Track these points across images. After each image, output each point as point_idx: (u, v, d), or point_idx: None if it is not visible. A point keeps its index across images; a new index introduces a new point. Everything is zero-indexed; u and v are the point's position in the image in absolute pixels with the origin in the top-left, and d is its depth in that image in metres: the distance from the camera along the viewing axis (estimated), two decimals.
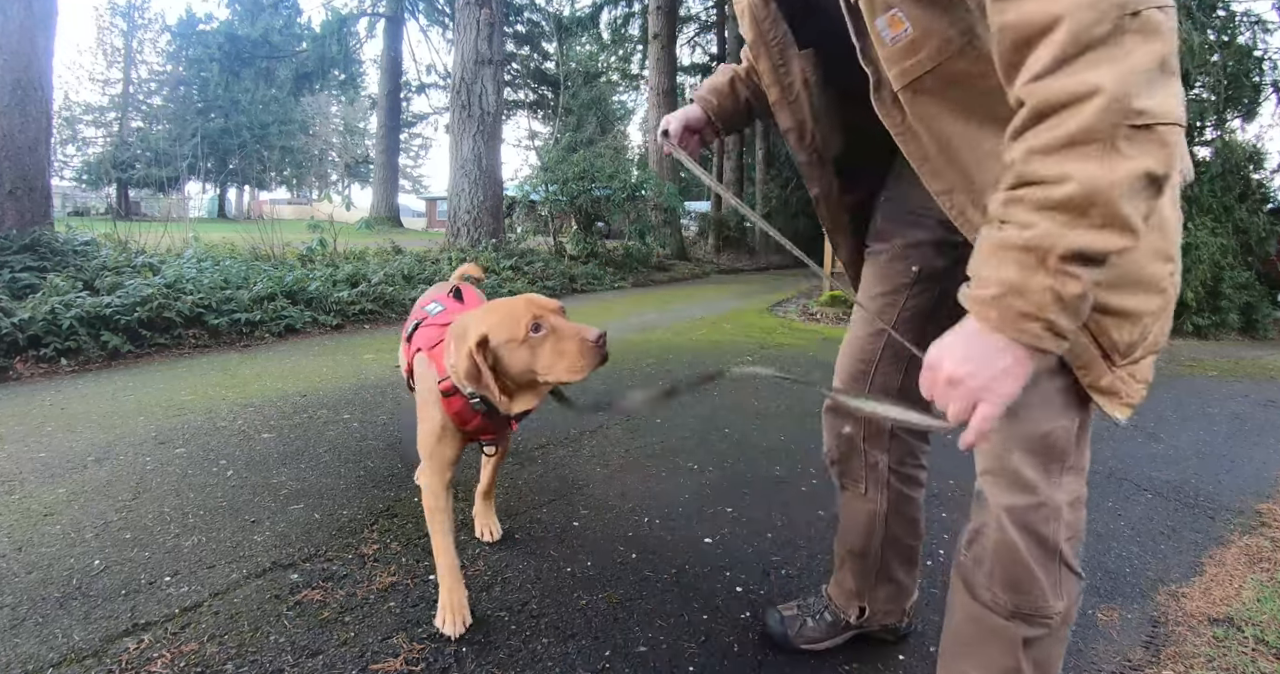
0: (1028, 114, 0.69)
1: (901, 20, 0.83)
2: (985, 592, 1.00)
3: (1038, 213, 0.69)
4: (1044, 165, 0.67)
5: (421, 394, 1.53)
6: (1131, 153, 0.64)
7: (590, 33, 20.55)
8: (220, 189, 39.00)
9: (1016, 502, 0.97)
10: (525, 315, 1.30)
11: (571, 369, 1.28)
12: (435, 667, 1.38)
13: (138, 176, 31.68)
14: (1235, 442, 3.15)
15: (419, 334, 1.59)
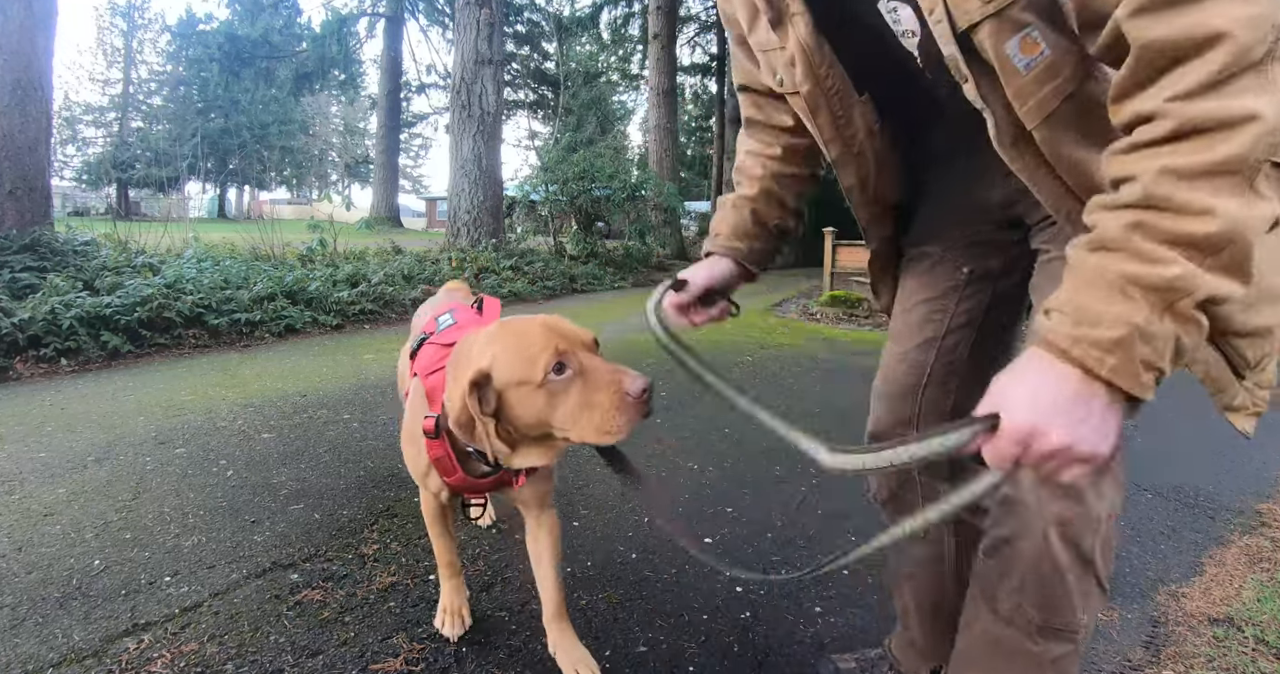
0: (1167, 131, 0.60)
1: (1038, 42, 0.72)
2: (1008, 604, 0.94)
3: (1173, 248, 0.60)
4: (1182, 191, 0.59)
5: (406, 426, 1.31)
6: (1268, 193, 0.59)
7: (590, 33, 20.56)
8: (220, 189, 39.02)
9: (1067, 511, 0.90)
10: (545, 350, 1.00)
11: (603, 429, 0.98)
12: (435, 667, 1.38)
13: (138, 176, 31.71)
14: (1235, 442, 3.15)
15: (421, 353, 1.33)
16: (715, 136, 21.42)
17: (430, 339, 1.35)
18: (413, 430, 1.26)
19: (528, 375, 1.00)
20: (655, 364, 4.36)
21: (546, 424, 1.02)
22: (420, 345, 1.35)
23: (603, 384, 0.98)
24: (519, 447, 1.09)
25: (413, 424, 1.27)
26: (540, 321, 1.06)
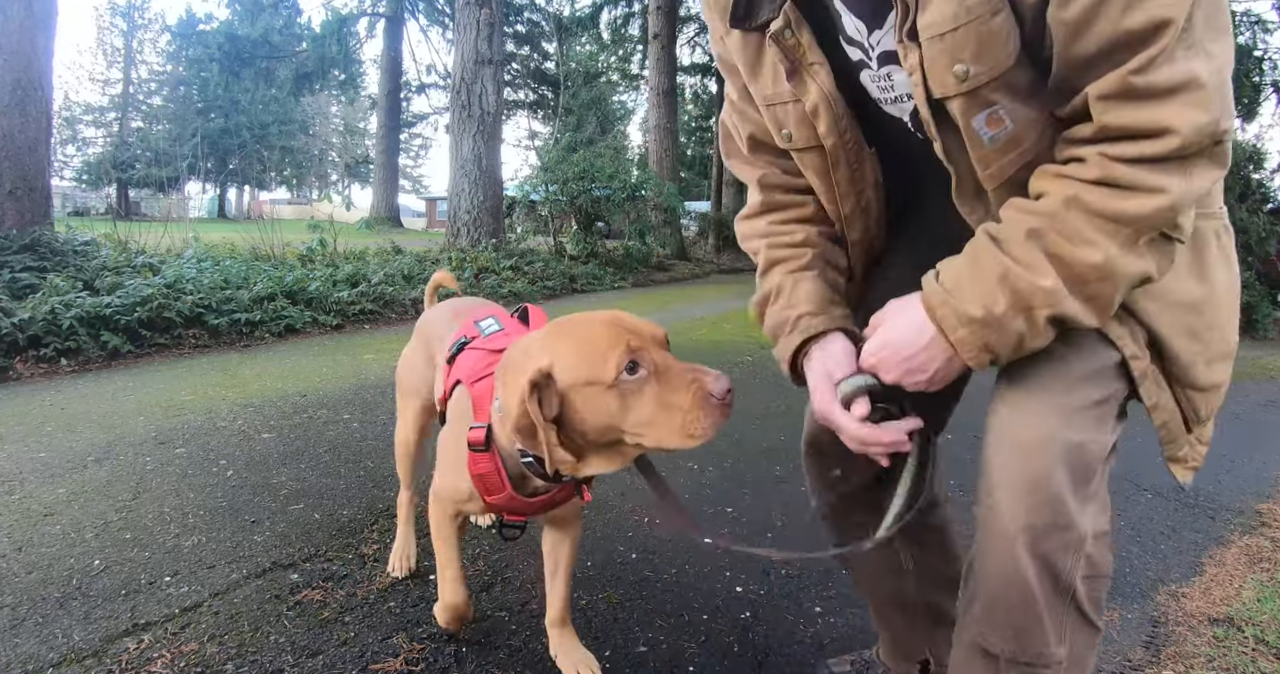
0: (1092, 177, 0.71)
1: (1003, 118, 0.78)
2: (974, 631, 0.88)
3: (1054, 264, 0.73)
4: (1081, 222, 0.72)
5: (447, 439, 1.20)
6: (1146, 254, 0.73)
7: (590, 33, 20.56)
8: (220, 189, 39.04)
9: (1038, 520, 0.81)
10: (616, 346, 0.90)
11: (685, 432, 0.89)
12: (435, 667, 1.38)
13: (138, 176, 31.71)
14: (1235, 442, 3.15)
15: (464, 359, 1.22)
16: (715, 136, 21.44)
17: (474, 343, 1.24)
18: (454, 444, 1.14)
19: (597, 375, 0.90)
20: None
21: (617, 429, 0.92)
22: (459, 350, 1.25)
23: (681, 384, 0.90)
24: (585, 455, 0.97)
25: (455, 437, 1.15)
26: (606, 317, 0.98)
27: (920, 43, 0.77)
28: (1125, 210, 0.70)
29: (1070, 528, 0.81)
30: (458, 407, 1.18)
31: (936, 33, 0.75)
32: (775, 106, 0.97)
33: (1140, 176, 0.69)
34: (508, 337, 1.22)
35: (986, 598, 0.86)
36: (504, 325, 1.28)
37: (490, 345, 1.21)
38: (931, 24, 0.75)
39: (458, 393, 1.20)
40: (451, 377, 1.24)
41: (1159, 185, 0.69)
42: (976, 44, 0.74)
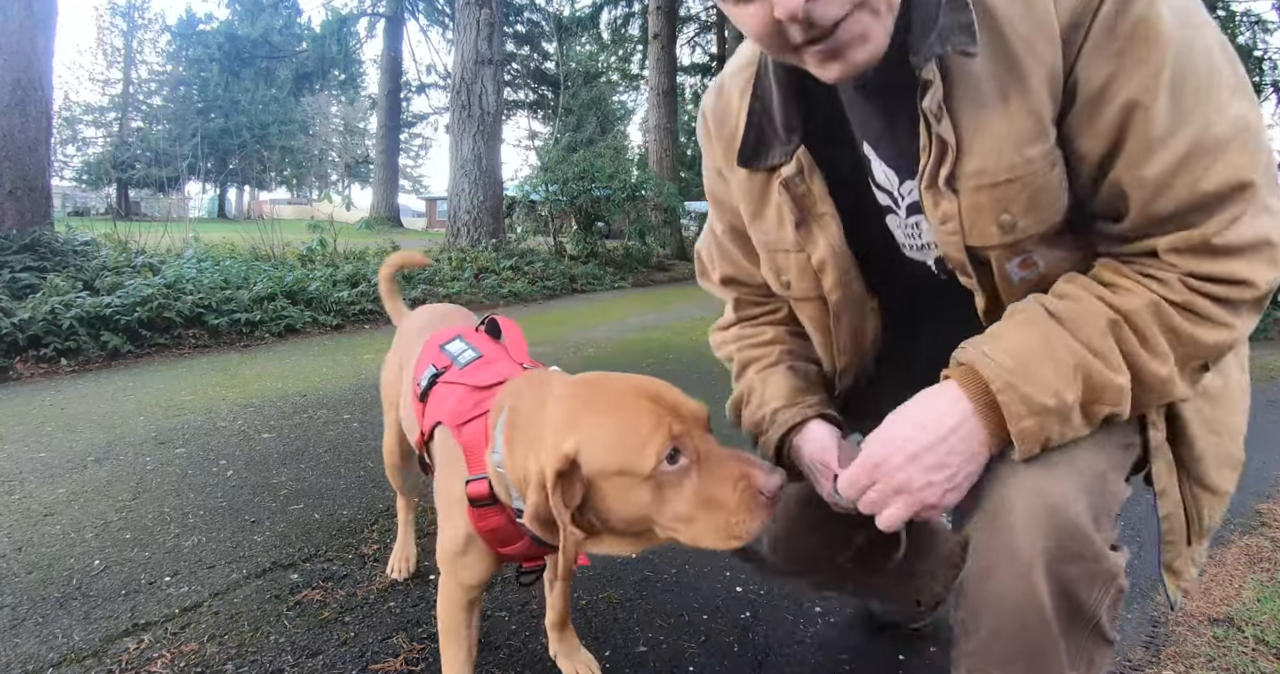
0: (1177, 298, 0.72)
1: (1036, 262, 0.77)
2: (971, 663, 0.79)
3: (1128, 367, 0.72)
4: (1160, 337, 0.72)
5: (441, 489, 1.04)
6: (1189, 378, 0.75)
7: (590, 33, 20.56)
8: (220, 189, 39.05)
9: (1058, 545, 0.71)
10: (658, 432, 0.78)
11: (728, 533, 0.78)
12: (435, 667, 1.38)
13: (138, 176, 31.73)
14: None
15: (438, 394, 1.08)
16: None
17: (448, 376, 1.08)
18: (449, 497, 1.00)
19: (634, 465, 0.77)
20: (655, 364, 4.37)
21: (649, 520, 0.81)
22: (431, 384, 1.09)
23: (728, 478, 0.78)
24: (603, 536, 0.86)
25: (447, 488, 1.01)
26: (645, 390, 0.83)
27: (959, 191, 0.74)
28: (1197, 336, 0.71)
29: (1098, 559, 0.74)
30: (444, 453, 1.03)
31: (987, 182, 0.73)
32: (777, 253, 0.94)
33: (1218, 312, 0.71)
34: (489, 365, 1.07)
35: (991, 627, 0.76)
36: (480, 349, 1.12)
37: (471, 379, 1.04)
38: (980, 172, 0.73)
39: (440, 436, 1.04)
40: (428, 417, 1.08)
41: (1230, 322, 0.72)
42: (1029, 197, 0.72)
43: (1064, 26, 0.68)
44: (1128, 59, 0.67)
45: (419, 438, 1.12)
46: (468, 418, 0.98)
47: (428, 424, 1.07)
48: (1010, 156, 0.71)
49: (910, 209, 0.86)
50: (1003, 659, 0.76)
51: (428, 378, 1.11)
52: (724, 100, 0.96)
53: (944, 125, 0.72)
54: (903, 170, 0.84)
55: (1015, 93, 0.71)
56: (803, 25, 0.67)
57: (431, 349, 1.18)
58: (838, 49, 0.70)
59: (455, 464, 0.99)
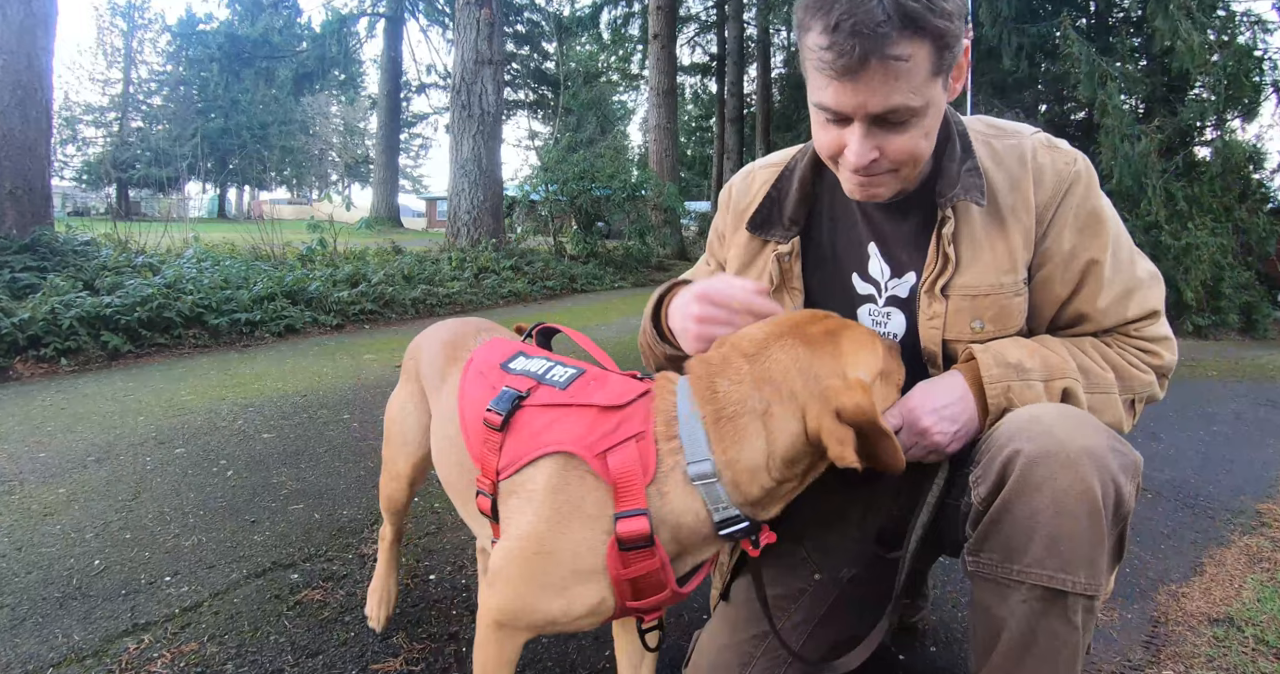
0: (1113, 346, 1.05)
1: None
2: (1036, 575, 0.85)
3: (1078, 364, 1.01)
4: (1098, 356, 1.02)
5: (546, 540, 0.84)
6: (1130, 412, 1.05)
7: (590, 33, 20.55)
8: (220, 189, 39.04)
9: (1098, 443, 0.84)
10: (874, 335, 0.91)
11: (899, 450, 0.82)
12: (435, 667, 1.38)
13: (138, 176, 31.71)
14: (1235, 442, 3.15)
15: (537, 422, 0.90)
16: (715, 136, 21.41)
17: (541, 399, 0.93)
18: (558, 553, 0.84)
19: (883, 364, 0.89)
20: None
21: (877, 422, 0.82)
22: (515, 409, 0.93)
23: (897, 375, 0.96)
24: (768, 502, 0.85)
25: (556, 541, 0.84)
26: (815, 314, 0.93)
27: (948, 297, 1.02)
28: (1128, 369, 1.02)
29: (1128, 453, 0.87)
30: (559, 493, 0.84)
31: (970, 294, 1.01)
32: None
33: (1140, 362, 1.03)
34: (605, 382, 0.93)
35: (1048, 532, 0.82)
36: (562, 365, 0.98)
37: (592, 399, 0.90)
38: (967, 286, 1.01)
39: (550, 473, 0.86)
40: (519, 449, 0.89)
41: (1149, 375, 1.03)
42: (997, 310, 1.01)
43: (1040, 205, 1.00)
44: (1087, 234, 1.00)
45: (491, 477, 0.91)
46: (613, 444, 0.84)
47: (522, 457, 0.88)
48: (990, 278, 1.01)
49: (889, 300, 1.10)
50: (1070, 558, 0.83)
51: (508, 402, 0.93)
52: (749, 182, 1.24)
53: (952, 248, 1.01)
54: (897, 269, 1.09)
55: (999, 237, 1.01)
56: (853, 167, 0.96)
57: (484, 370, 1.03)
58: (868, 184, 0.98)
59: (585, 504, 0.83)
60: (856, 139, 0.92)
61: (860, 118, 0.90)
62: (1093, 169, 1.03)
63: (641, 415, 0.87)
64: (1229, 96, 7.64)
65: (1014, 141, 1.04)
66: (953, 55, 0.89)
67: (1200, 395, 4.14)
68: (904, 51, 0.84)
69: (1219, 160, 7.68)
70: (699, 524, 0.84)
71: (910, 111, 0.89)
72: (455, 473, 1.05)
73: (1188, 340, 6.84)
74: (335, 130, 49.10)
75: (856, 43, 0.82)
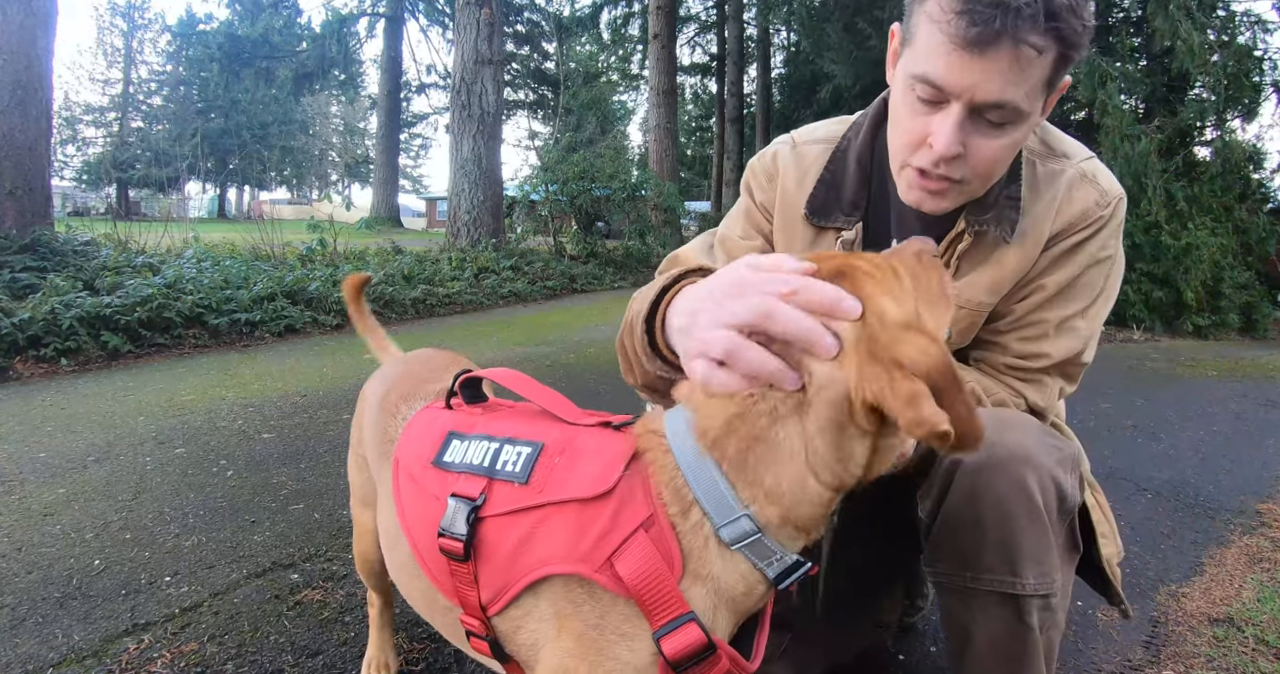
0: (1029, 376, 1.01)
1: None
2: (989, 581, 0.87)
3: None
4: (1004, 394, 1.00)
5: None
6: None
7: (590, 33, 20.54)
8: (220, 189, 39.04)
9: (1035, 444, 0.85)
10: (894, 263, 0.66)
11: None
12: (435, 667, 1.38)
13: (138, 176, 31.73)
14: (1235, 442, 3.15)
15: (505, 539, 0.70)
16: (715, 136, 21.41)
17: (499, 504, 0.71)
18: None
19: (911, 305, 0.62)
20: None
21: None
22: (474, 527, 0.71)
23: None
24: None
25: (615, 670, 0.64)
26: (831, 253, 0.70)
27: None
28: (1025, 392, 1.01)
29: (1063, 446, 0.88)
30: (574, 622, 0.66)
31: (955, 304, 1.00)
32: None
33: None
34: (575, 452, 0.71)
35: (995, 538, 0.83)
36: (526, 435, 0.75)
37: (565, 492, 0.68)
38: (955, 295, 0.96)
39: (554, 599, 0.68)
40: (499, 577, 0.70)
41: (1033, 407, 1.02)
42: (966, 326, 1.01)
43: (1052, 234, 0.97)
44: (1083, 289, 0.98)
45: (477, 616, 0.72)
46: (615, 546, 0.64)
47: (509, 587, 0.69)
48: (975, 296, 0.99)
49: None
50: (1019, 558, 0.83)
51: (464, 521, 0.71)
52: (800, 157, 1.11)
53: (955, 262, 0.99)
54: None
55: (1000, 262, 0.99)
56: (934, 161, 0.87)
57: (416, 475, 0.79)
58: (932, 190, 0.91)
59: (609, 623, 0.65)
60: (951, 125, 0.82)
61: (965, 102, 0.81)
62: (1122, 212, 0.99)
63: (640, 491, 0.66)
64: (1229, 96, 7.64)
65: (1058, 167, 0.98)
66: (1066, 72, 0.83)
67: (1200, 395, 4.14)
68: (1041, 42, 0.77)
69: (1219, 160, 7.69)
70: (751, 589, 0.66)
71: (1016, 113, 0.82)
72: (427, 606, 0.83)
73: (1188, 340, 6.84)
74: (335, 130, 49.11)
75: (998, 15, 0.75)
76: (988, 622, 0.88)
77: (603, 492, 0.66)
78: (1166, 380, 4.62)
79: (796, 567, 0.66)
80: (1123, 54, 8.11)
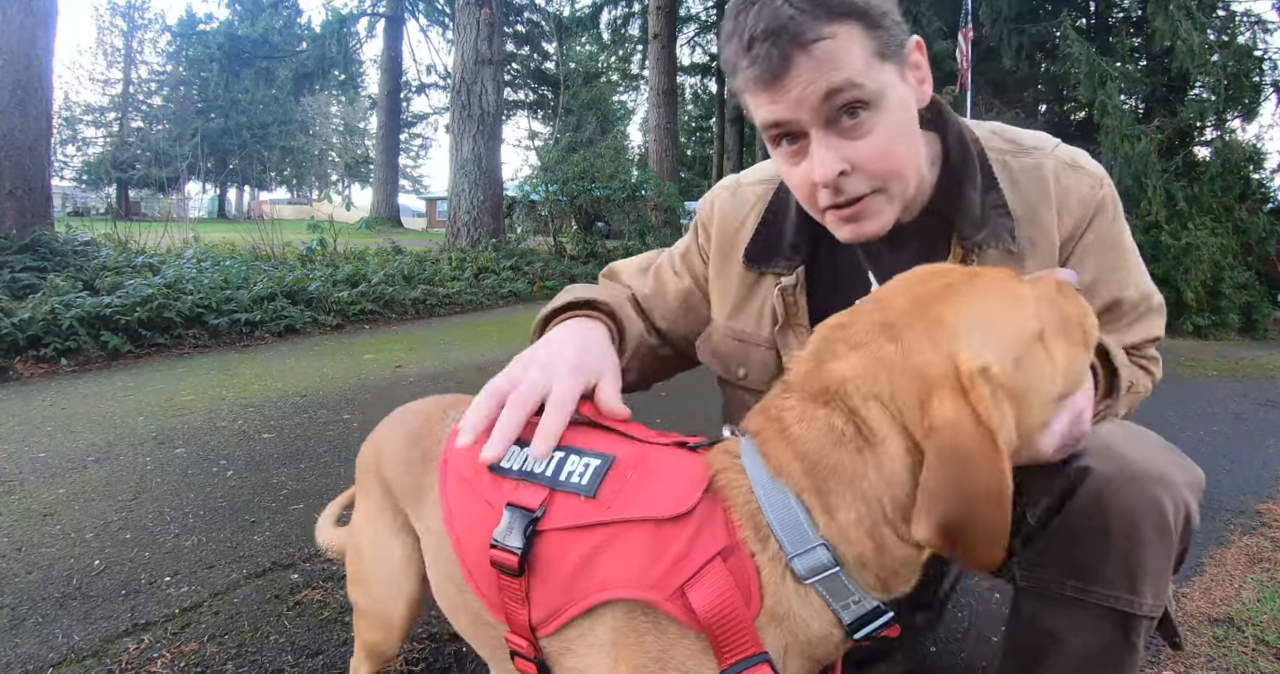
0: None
1: None
2: (1101, 595, 0.82)
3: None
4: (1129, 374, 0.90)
5: None
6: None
7: (590, 33, 20.56)
8: (220, 189, 39.06)
9: (1165, 464, 0.80)
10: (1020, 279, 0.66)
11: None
12: (435, 667, 1.38)
13: (138, 176, 31.73)
14: (1235, 442, 3.15)
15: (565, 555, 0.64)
16: (715, 136, 21.42)
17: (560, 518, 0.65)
18: None
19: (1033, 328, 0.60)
20: None
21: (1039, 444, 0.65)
22: (530, 539, 0.65)
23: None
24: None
25: None
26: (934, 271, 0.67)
27: None
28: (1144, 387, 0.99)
29: (1191, 469, 0.81)
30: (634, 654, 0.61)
31: None
32: (746, 344, 1.05)
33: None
34: (649, 471, 0.67)
35: (1120, 553, 0.78)
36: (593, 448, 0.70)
37: (640, 511, 0.63)
38: None
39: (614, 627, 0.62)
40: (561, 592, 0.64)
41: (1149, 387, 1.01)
42: None
43: (1062, 238, 0.91)
44: (1109, 268, 0.92)
45: (525, 636, 0.67)
46: (691, 573, 0.59)
47: (565, 609, 0.63)
48: None
49: None
50: (1135, 583, 0.79)
51: (520, 533, 0.65)
52: (739, 202, 1.09)
53: None
54: None
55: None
56: (831, 192, 0.83)
57: (468, 478, 0.73)
58: (853, 217, 0.85)
59: (672, 660, 0.59)
60: (816, 151, 0.81)
61: (813, 122, 0.80)
62: (1115, 191, 0.95)
63: (720, 516, 0.61)
64: (1229, 96, 7.64)
65: (1033, 161, 0.93)
66: (893, 37, 0.81)
67: (1200, 395, 4.14)
68: (825, 31, 0.76)
69: (1219, 160, 7.69)
70: (827, 634, 0.61)
71: (860, 100, 0.78)
72: (469, 624, 0.78)
73: (1188, 340, 6.84)
74: (335, 130, 49.11)
75: (772, 43, 0.76)
76: (1088, 634, 0.82)
77: (682, 513, 0.61)
78: (1166, 380, 4.60)
79: (876, 615, 0.60)
80: (1123, 54, 8.12)
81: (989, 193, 0.91)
